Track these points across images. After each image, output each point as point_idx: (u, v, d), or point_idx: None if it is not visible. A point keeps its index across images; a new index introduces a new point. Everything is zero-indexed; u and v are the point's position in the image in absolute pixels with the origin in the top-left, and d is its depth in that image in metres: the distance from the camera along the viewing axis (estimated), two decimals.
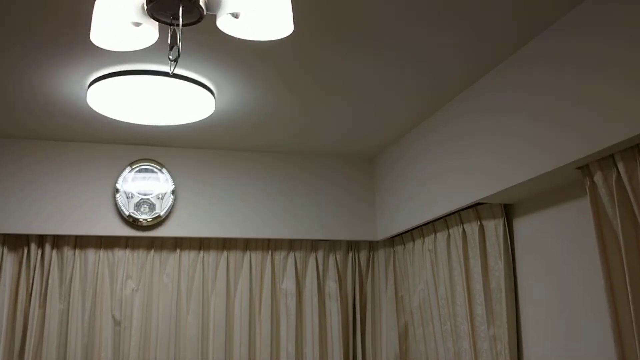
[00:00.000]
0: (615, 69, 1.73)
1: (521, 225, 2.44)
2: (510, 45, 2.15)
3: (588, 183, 1.91)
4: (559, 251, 2.22)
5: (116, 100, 2.47)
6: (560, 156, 1.94)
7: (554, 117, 1.98)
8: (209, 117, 2.82)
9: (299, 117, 2.87)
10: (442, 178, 2.72)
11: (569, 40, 1.93)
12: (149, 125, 2.93)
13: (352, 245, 3.52)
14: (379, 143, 3.28)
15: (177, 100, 2.49)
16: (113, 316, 3.12)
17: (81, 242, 3.17)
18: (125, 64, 2.28)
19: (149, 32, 1.39)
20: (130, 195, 3.15)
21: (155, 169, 3.23)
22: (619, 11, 1.73)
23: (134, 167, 3.20)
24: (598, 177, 1.87)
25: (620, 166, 1.78)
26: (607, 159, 1.85)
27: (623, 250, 1.75)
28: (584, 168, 1.93)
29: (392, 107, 2.74)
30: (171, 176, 3.24)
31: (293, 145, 3.30)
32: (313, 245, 3.46)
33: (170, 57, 1.28)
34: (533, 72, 2.10)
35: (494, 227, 2.50)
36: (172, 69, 1.38)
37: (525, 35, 2.08)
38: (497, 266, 2.47)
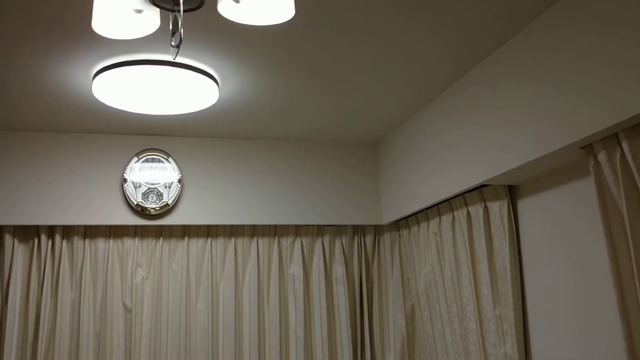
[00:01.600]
0: (618, 47, 1.73)
1: (525, 206, 2.45)
2: (517, 23, 2.14)
3: (592, 162, 1.91)
4: (564, 231, 2.23)
5: (121, 90, 2.48)
6: (563, 136, 1.94)
7: (557, 97, 1.98)
8: (213, 105, 2.83)
9: (303, 104, 2.87)
10: (445, 161, 2.73)
11: (572, 14, 1.93)
12: (155, 115, 2.94)
13: (358, 230, 3.54)
14: (383, 127, 3.29)
15: (182, 90, 2.51)
16: (124, 304, 3.16)
17: (91, 232, 3.21)
18: (130, 54, 2.29)
19: (151, 19, 1.40)
20: (137, 184, 3.18)
21: (161, 159, 3.25)
22: None
23: (140, 157, 3.23)
24: (602, 157, 1.87)
25: (625, 145, 1.78)
26: (610, 138, 1.85)
27: (628, 229, 1.76)
28: (588, 147, 1.94)
29: (396, 90, 2.74)
30: (177, 165, 3.27)
31: (297, 131, 3.31)
32: (319, 230, 3.48)
33: (172, 43, 1.29)
34: (536, 55, 2.10)
35: (499, 209, 2.51)
36: (174, 55, 1.39)
37: (530, 14, 2.07)
38: (502, 247, 2.48)
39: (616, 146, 1.83)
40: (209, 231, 3.35)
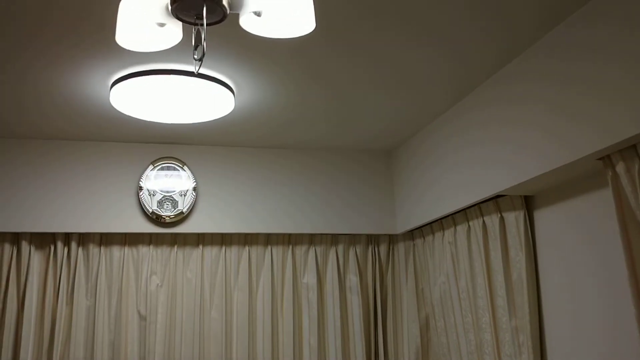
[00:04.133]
0: (637, 58, 1.72)
1: (542, 217, 2.44)
2: (531, 35, 2.15)
3: (610, 174, 1.91)
4: (581, 243, 2.21)
5: (138, 99, 2.51)
6: (581, 147, 1.94)
7: (575, 108, 1.97)
8: (228, 114, 2.85)
9: (317, 114, 2.88)
10: (461, 170, 2.72)
11: (590, 30, 1.93)
12: (170, 124, 2.97)
13: (372, 239, 3.54)
14: (397, 137, 3.29)
15: (198, 99, 2.53)
16: (138, 311, 3.18)
17: (106, 240, 3.23)
18: (147, 64, 2.32)
19: (173, 33, 1.42)
20: (153, 192, 3.20)
21: (177, 167, 3.28)
22: None
23: (156, 165, 3.25)
24: (620, 168, 1.86)
25: None
26: (629, 149, 1.84)
27: None
28: (606, 159, 1.93)
29: (410, 100, 2.75)
30: (192, 173, 3.29)
31: (312, 140, 3.32)
32: (333, 239, 3.48)
33: (195, 56, 1.31)
34: (553, 63, 2.10)
35: (515, 219, 2.50)
36: (197, 68, 1.41)
37: (547, 24, 2.07)
38: (518, 258, 2.47)
39: (634, 157, 1.82)
40: (223, 239, 3.37)
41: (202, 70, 2.37)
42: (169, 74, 2.35)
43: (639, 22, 1.72)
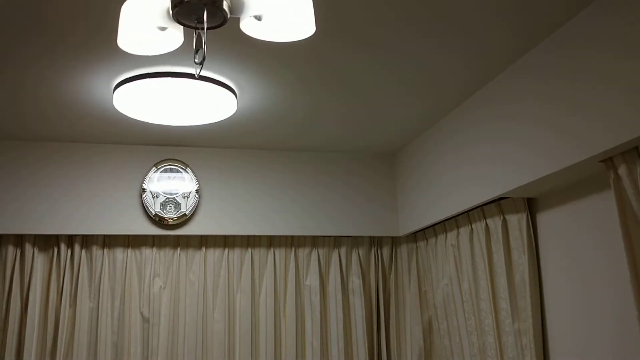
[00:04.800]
0: (637, 62, 1.72)
1: (544, 219, 2.44)
2: (540, 32, 2.13)
3: (612, 176, 1.90)
4: (583, 245, 2.21)
5: (141, 102, 2.52)
6: (583, 149, 1.93)
7: (577, 110, 1.97)
8: (231, 117, 2.86)
9: (319, 115, 2.89)
10: (464, 173, 2.72)
11: (599, 25, 1.92)
12: (173, 126, 2.98)
13: (375, 241, 3.53)
14: (401, 139, 3.29)
15: (200, 101, 2.53)
16: (141, 313, 3.19)
17: (109, 242, 3.24)
18: (150, 67, 2.33)
19: (174, 36, 1.42)
20: (156, 194, 3.21)
21: (180, 169, 3.28)
22: None
23: (159, 167, 3.26)
24: (622, 170, 1.85)
25: None
26: (631, 152, 1.83)
27: None
28: (608, 161, 1.92)
29: (413, 103, 2.75)
30: (195, 175, 3.30)
31: (314, 142, 3.32)
32: (336, 241, 3.48)
33: (196, 60, 1.32)
34: (556, 62, 2.09)
35: (517, 221, 2.50)
36: (198, 72, 1.41)
37: (556, 20, 2.04)
38: (521, 260, 2.46)
39: (636, 160, 1.82)
40: (226, 241, 3.37)
41: (205, 73, 2.38)
42: (172, 76, 2.36)
43: None
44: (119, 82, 2.44)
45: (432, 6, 1.91)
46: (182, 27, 1.38)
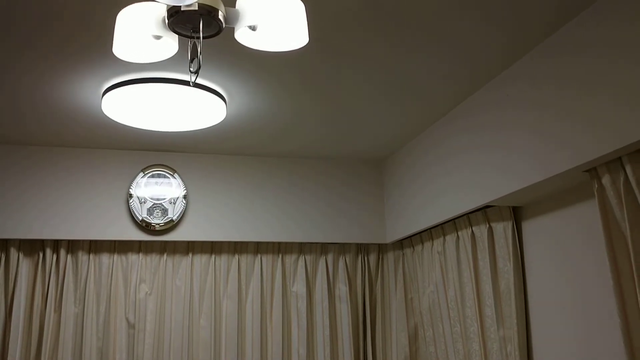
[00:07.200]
0: (623, 73, 1.76)
1: (530, 228, 2.47)
2: (526, 42, 2.15)
3: (596, 186, 1.94)
4: (568, 253, 2.25)
5: (129, 107, 2.52)
6: (568, 159, 1.97)
7: (562, 120, 2.01)
8: (220, 123, 2.87)
9: (308, 122, 2.91)
10: (450, 181, 2.75)
11: (586, 36, 1.97)
12: (161, 132, 2.98)
13: (362, 248, 3.56)
14: (388, 146, 3.32)
15: (189, 107, 2.54)
16: (127, 319, 3.17)
17: (95, 247, 3.22)
18: (139, 72, 2.33)
19: (169, 45, 1.44)
20: (143, 200, 3.20)
21: (167, 174, 3.28)
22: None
23: (146, 172, 3.25)
24: (606, 180, 1.89)
25: (628, 169, 1.81)
26: (614, 162, 1.87)
27: (631, 252, 1.78)
28: (592, 171, 1.96)
29: (400, 112, 2.78)
30: (183, 181, 3.29)
31: (302, 150, 3.34)
32: (323, 248, 3.50)
33: (191, 69, 1.33)
34: (543, 72, 2.14)
35: (503, 230, 2.54)
36: (192, 80, 1.42)
37: (547, 28, 2.05)
38: (506, 268, 2.50)
39: (620, 170, 1.86)
40: (213, 247, 3.37)
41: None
42: (161, 82, 2.36)
43: (635, 25, 1.76)
44: (108, 88, 2.43)
45: (419, 17, 1.94)
46: (177, 35, 1.39)
